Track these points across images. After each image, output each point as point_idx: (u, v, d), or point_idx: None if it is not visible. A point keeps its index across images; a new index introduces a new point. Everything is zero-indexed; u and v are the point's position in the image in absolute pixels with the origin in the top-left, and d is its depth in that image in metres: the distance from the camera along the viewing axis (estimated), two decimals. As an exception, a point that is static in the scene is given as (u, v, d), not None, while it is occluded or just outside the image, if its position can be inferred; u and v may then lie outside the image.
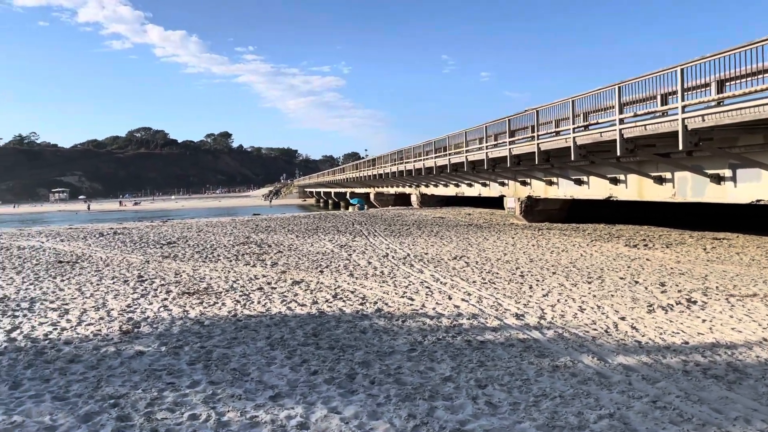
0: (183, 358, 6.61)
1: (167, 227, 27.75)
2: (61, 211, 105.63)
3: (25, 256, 16.51)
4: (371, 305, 9.20)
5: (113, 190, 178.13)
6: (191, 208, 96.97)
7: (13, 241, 21.79)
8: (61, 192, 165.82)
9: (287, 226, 26.17)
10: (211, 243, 19.17)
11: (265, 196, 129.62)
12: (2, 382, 5.90)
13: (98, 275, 12.74)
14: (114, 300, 9.99)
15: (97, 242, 20.45)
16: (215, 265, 14.07)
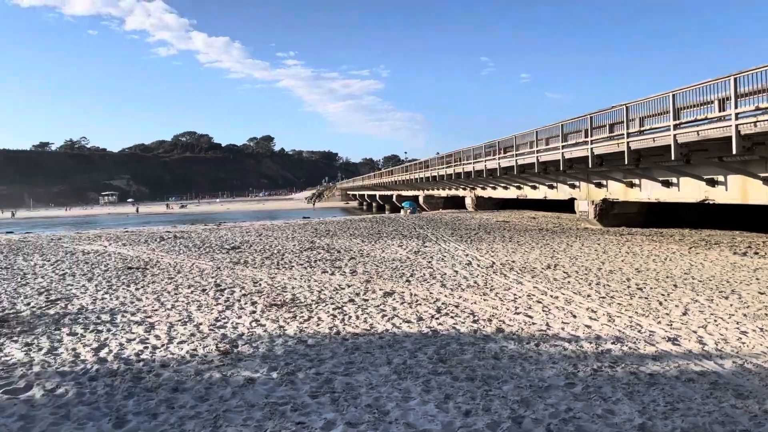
0: (302, 388, 5.68)
1: (225, 231, 27.26)
2: (111, 214, 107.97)
3: (92, 262, 16.04)
4: (486, 323, 8.14)
5: (160, 193, 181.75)
6: (236, 210, 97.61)
7: (76, 245, 21.53)
8: (110, 195, 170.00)
9: (347, 230, 25.33)
10: (278, 248, 18.41)
11: (308, 198, 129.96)
12: (104, 416, 5.07)
13: (173, 283, 12.04)
14: (199, 312, 9.20)
15: (161, 246, 19.96)
16: (291, 272, 13.23)
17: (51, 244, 22.42)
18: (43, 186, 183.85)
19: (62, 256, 17.48)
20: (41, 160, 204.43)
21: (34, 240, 26.61)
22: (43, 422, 4.96)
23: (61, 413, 5.16)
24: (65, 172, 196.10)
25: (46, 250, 19.99)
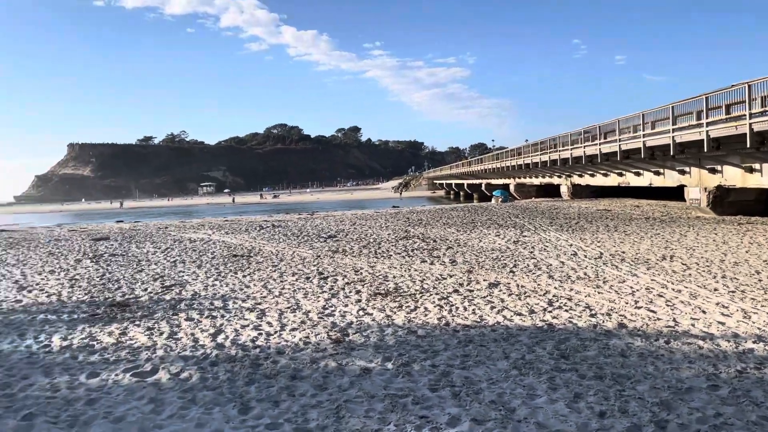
0: (419, 380, 5.52)
1: (320, 220, 27.76)
2: (209, 203, 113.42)
3: (199, 249, 16.74)
4: (605, 317, 7.65)
5: (253, 184, 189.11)
6: (326, 200, 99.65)
7: (183, 234, 22.61)
8: (208, 186, 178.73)
9: (439, 219, 25.06)
10: (373, 237, 18.45)
11: (395, 188, 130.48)
12: (228, 402, 5.14)
13: (277, 271, 12.29)
14: (306, 300, 9.29)
15: (261, 235, 20.57)
16: (390, 261, 13.16)
17: (159, 233, 23.69)
18: (147, 177, 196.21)
19: (171, 244, 18.39)
20: (145, 154, 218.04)
21: (143, 229, 28.28)
22: (172, 406, 5.09)
23: (188, 397, 5.28)
24: (167, 165, 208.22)
25: (156, 238, 21.12)
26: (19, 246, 19.74)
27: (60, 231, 29.55)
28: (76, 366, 6.31)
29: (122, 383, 5.71)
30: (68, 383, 5.74)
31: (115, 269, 13.31)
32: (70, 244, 19.65)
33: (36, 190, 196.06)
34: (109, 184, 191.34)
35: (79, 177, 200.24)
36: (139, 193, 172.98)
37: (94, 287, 11.07)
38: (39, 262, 15.18)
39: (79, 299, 9.97)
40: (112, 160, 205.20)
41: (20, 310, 9.26)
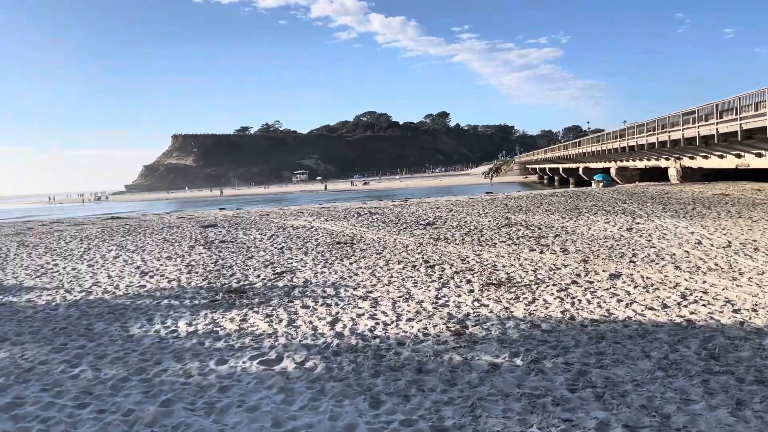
0: (555, 379, 5.18)
1: (415, 207, 27.64)
2: (303, 191, 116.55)
3: (303, 236, 17.05)
4: (751, 314, 6.92)
5: (344, 171, 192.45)
6: (415, 187, 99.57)
7: (285, 221, 23.20)
8: (302, 173, 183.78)
9: (540, 205, 24.19)
10: (474, 224, 18.05)
11: (485, 173, 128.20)
12: (357, 394, 5.05)
13: (382, 258, 12.22)
14: (416, 289, 9.12)
15: (360, 222, 20.71)
16: (496, 250, 12.76)
17: (262, 220, 24.46)
18: (244, 166, 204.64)
19: (276, 231, 18.87)
20: (242, 143, 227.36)
21: (246, 216, 29.35)
22: (302, 396, 5.06)
23: (317, 388, 5.24)
24: (262, 154, 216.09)
25: (260, 225, 21.79)
26: (136, 233, 20.99)
27: (170, 218, 31.26)
28: (204, 352, 6.47)
29: (251, 371, 5.78)
30: (199, 369, 5.88)
31: (227, 256, 13.78)
32: (181, 231, 20.66)
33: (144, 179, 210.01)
34: (209, 172, 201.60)
35: (183, 166, 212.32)
36: (237, 181, 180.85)
37: (210, 273, 11.48)
38: (156, 248, 16.02)
39: (198, 285, 10.35)
40: (212, 150, 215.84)
41: (145, 295, 9.73)
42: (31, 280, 11.68)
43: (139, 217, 36.10)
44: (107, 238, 19.29)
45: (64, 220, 38.30)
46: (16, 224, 35.07)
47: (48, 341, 7.15)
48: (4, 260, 15.00)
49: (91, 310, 8.73)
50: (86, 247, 17.10)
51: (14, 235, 23.55)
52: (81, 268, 13.01)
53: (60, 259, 14.69)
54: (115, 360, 6.30)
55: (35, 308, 9.06)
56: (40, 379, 5.81)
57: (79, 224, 30.18)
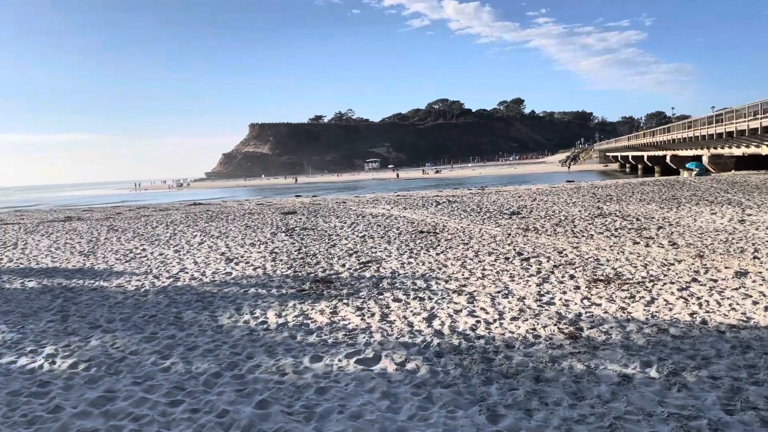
0: (703, 396, 4.41)
1: (494, 195, 26.71)
2: (375, 179, 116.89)
3: (383, 225, 16.62)
4: None
5: (415, 159, 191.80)
6: (489, 175, 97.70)
7: (363, 209, 22.89)
8: (373, 162, 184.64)
9: (630, 194, 22.70)
10: (563, 214, 17.04)
11: (562, 161, 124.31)
12: (470, 404, 4.48)
13: (470, 249, 11.57)
14: (514, 284, 8.43)
15: (439, 210, 20.08)
16: (594, 242, 11.82)
17: (340, 207, 24.26)
18: (318, 154, 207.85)
19: (355, 219, 18.55)
20: (316, 132, 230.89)
21: (322, 203, 29.34)
22: (409, 404, 4.55)
23: (423, 395, 4.71)
24: (335, 142, 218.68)
25: (339, 212, 21.57)
26: (219, 219, 21.25)
27: (249, 205, 31.74)
28: (297, 347, 6.09)
29: (348, 371, 5.33)
30: (294, 366, 5.48)
31: (310, 243, 13.52)
32: (262, 218, 20.73)
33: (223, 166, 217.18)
34: (284, 160, 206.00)
35: (259, 154, 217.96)
36: (311, 169, 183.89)
37: (294, 261, 11.21)
38: (239, 234, 16.02)
39: (283, 273, 10.08)
40: (287, 139, 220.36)
41: (232, 283, 9.54)
42: (121, 265, 11.82)
43: (220, 203, 36.96)
44: (191, 224, 19.59)
45: (149, 205, 39.81)
46: (106, 209, 36.72)
47: (138, 329, 7.00)
48: (95, 244, 15.41)
49: (180, 298, 8.60)
50: (172, 232, 17.38)
51: (104, 219, 24.47)
52: (168, 253, 13.10)
53: (147, 244, 14.92)
54: (206, 353, 6.02)
55: (125, 294, 9.04)
56: (131, 370, 5.60)
57: (163, 210, 31.15)
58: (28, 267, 12.04)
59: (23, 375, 5.58)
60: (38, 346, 6.49)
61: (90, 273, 11.03)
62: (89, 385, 5.27)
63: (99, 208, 37.86)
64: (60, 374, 5.56)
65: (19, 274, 11.17)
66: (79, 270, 11.41)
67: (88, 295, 9.05)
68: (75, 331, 7.01)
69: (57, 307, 8.28)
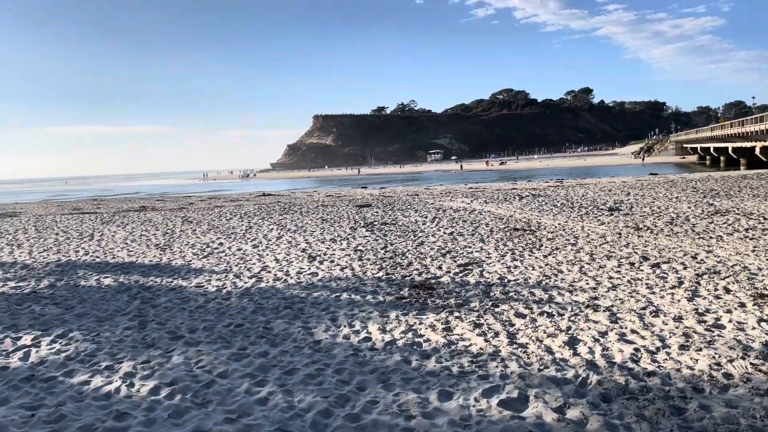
0: None
1: (580, 189, 24.93)
2: (438, 170, 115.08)
3: (468, 220, 15.37)
4: None
5: (478, 151, 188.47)
6: (556, 167, 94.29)
7: (439, 202, 21.68)
8: (436, 153, 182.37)
9: (738, 189, 20.49)
10: (671, 210, 15.27)
11: (635, 153, 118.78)
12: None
13: (581, 251, 10.16)
14: (657, 297, 7.01)
15: (526, 205, 18.62)
16: (732, 244, 10.16)
17: (415, 200, 23.13)
18: (380, 146, 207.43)
19: (436, 214, 17.36)
20: (379, 123, 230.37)
21: (393, 195, 28.31)
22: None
23: (610, 463, 3.49)
24: (398, 133, 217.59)
25: (415, 205, 20.44)
26: (292, 212, 20.53)
27: (318, 196, 31.11)
28: (416, 376, 4.98)
29: (491, 416, 4.16)
30: (420, 406, 4.37)
31: (395, 240, 12.44)
32: (337, 211, 19.86)
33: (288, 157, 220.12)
34: (347, 151, 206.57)
35: (323, 145, 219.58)
36: (373, 161, 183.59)
37: (383, 261, 10.14)
38: (317, 229, 15.14)
39: (375, 275, 9.02)
40: (350, 130, 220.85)
41: (320, 285, 8.56)
42: (198, 261, 11.09)
43: (289, 194, 36.59)
44: (266, 216, 18.93)
45: (219, 195, 39.97)
46: (178, 198, 37.03)
47: (225, 343, 6.08)
48: (170, 237, 14.88)
49: (266, 302, 7.67)
50: (247, 225, 16.71)
51: (178, 210, 24.28)
52: (246, 248, 12.31)
53: (224, 237, 14.24)
54: (308, 379, 5.00)
55: (206, 296, 8.21)
56: (222, 401, 4.63)
57: (234, 200, 30.94)
58: (104, 261, 11.50)
59: (97, 402, 4.71)
60: (114, 360, 5.66)
61: (167, 269, 10.33)
62: (174, 419, 4.34)
63: (171, 198, 38.26)
64: (139, 402, 4.66)
65: (95, 269, 10.61)
66: (155, 266, 10.75)
67: (167, 296, 8.27)
68: (154, 342, 6.16)
69: (134, 311, 7.52)
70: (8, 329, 6.84)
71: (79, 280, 9.65)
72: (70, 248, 13.49)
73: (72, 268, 10.77)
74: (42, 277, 9.95)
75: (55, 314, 7.46)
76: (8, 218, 23.72)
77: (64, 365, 5.56)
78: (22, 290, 8.97)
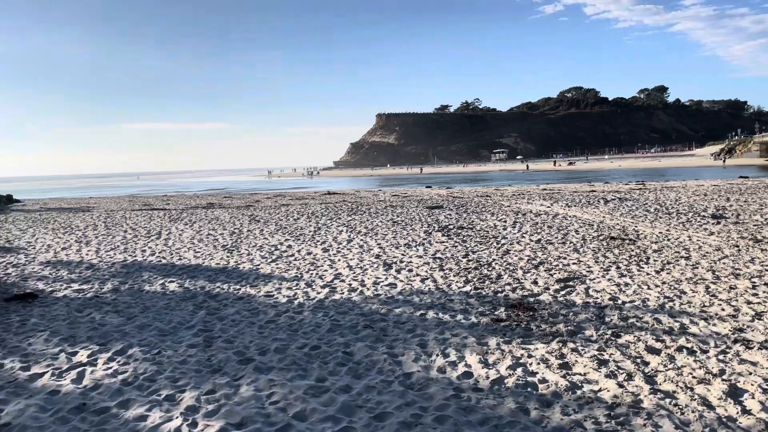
0: None
1: (671, 192, 22.99)
2: (502, 170, 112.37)
3: (553, 226, 14.09)
4: None
5: (545, 150, 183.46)
6: (628, 168, 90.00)
7: (516, 204, 20.38)
8: (500, 152, 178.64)
9: None
10: (790, 220, 13.48)
11: (715, 155, 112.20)
12: None
13: (700, 267, 8.79)
14: None
15: (615, 210, 17.09)
16: None
17: (488, 202, 21.91)
18: (443, 144, 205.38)
19: (515, 218, 16.12)
20: (441, 122, 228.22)
21: (461, 195, 27.13)
22: None
23: None
24: (461, 132, 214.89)
25: (490, 208, 19.23)
26: (360, 212, 19.74)
27: (385, 195, 30.29)
28: (541, 434, 3.93)
29: None
30: (557, 483, 3.32)
31: (476, 247, 11.36)
32: (407, 212, 18.92)
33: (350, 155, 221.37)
34: (409, 150, 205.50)
35: (385, 144, 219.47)
36: (435, 159, 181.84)
37: (467, 272, 9.10)
38: (388, 232, 14.23)
39: (461, 289, 8.00)
40: (413, 129, 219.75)
41: (401, 300, 7.61)
42: (267, 265, 10.37)
43: (354, 193, 35.97)
44: (333, 217, 18.21)
45: (285, 193, 39.85)
46: (244, 196, 37.10)
47: (300, 370, 5.21)
48: (237, 237, 14.33)
49: (342, 319, 6.79)
50: (315, 226, 16.00)
51: (244, 207, 23.98)
52: (316, 252, 11.53)
53: (292, 239, 13.54)
54: (403, 430, 4.04)
55: (276, 308, 7.41)
56: (302, 456, 3.74)
57: (300, 198, 30.55)
58: (170, 263, 10.97)
59: (154, 448, 3.91)
60: (176, 388, 4.89)
61: (234, 274, 9.65)
62: (243, 480, 3.47)
63: (237, 195, 38.41)
64: (202, 451, 3.83)
65: (160, 272, 10.06)
66: (222, 270, 10.10)
67: (234, 306, 7.53)
68: (221, 366, 5.37)
69: (199, 323, 6.79)
70: (65, 341, 6.24)
71: (143, 284, 9.09)
72: (137, 247, 13.12)
73: (137, 270, 10.27)
74: (106, 279, 9.47)
75: (115, 324, 6.83)
76: (81, 213, 24.07)
77: (120, 392, 4.83)
78: (85, 294, 8.46)
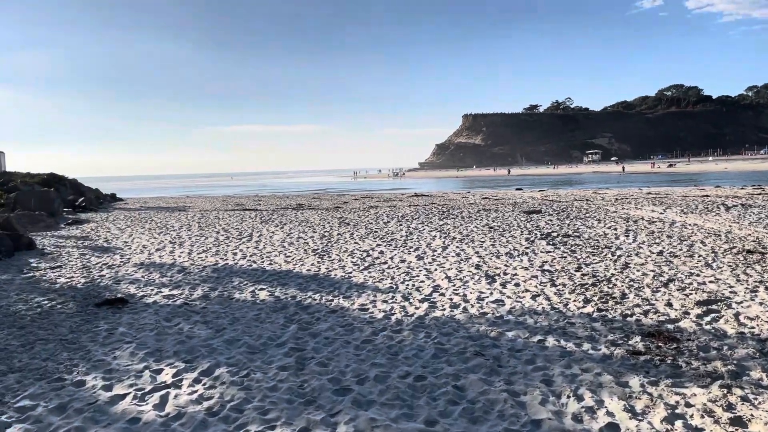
0: None
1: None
2: (595, 172, 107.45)
3: (672, 236, 12.61)
4: None
5: (642, 152, 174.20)
6: (735, 170, 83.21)
7: (622, 209, 18.77)
8: (594, 153, 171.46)
9: None
10: None
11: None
12: None
13: None
14: None
15: (741, 218, 15.25)
16: None
17: (590, 206, 20.39)
18: (532, 145, 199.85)
19: (627, 225, 14.69)
20: (530, 122, 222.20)
21: (557, 198, 25.63)
22: None
23: None
24: (551, 132, 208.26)
25: (594, 213, 17.79)
26: (452, 216, 18.88)
27: (475, 198, 29.24)
28: None
29: None
30: None
31: (587, 258, 10.22)
32: (502, 217, 17.85)
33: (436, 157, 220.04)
34: (497, 151, 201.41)
35: (471, 145, 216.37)
36: (524, 161, 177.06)
37: (585, 289, 8.03)
38: (485, 238, 13.28)
39: (581, 310, 6.97)
40: (500, 129, 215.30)
41: (511, 321, 6.70)
42: (359, 273, 9.74)
43: (442, 195, 35.11)
44: (425, 221, 17.44)
45: (372, 194, 39.60)
46: (333, 197, 37.15)
47: (405, 408, 4.46)
48: (328, 240, 13.87)
49: (447, 342, 5.98)
50: (407, 230, 15.29)
51: (333, 209, 23.72)
52: (410, 260, 10.80)
53: (384, 245, 12.88)
54: (544, 507, 3.17)
55: (372, 324, 6.72)
56: None
57: (387, 200, 30.06)
58: (260, 267, 10.60)
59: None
60: (265, 423, 4.27)
61: (326, 283, 9.08)
62: None
63: (326, 196, 38.56)
64: None
65: (251, 278, 9.66)
66: (313, 277, 9.56)
67: (327, 321, 6.90)
68: (315, 398, 4.71)
69: (291, 340, 6.20)
70: (151, 356, 5.82)
71: (233, 290, 8.69)
72: (229, 249, 12.93)
73: (228, 275, 9.95)
74: (197, 285, 9.17)
75: (203, 338, 6.37)
76: (177, 213, 24.70)
77: (204, 426, 4.26)
78: (174, 300, 8.15)
